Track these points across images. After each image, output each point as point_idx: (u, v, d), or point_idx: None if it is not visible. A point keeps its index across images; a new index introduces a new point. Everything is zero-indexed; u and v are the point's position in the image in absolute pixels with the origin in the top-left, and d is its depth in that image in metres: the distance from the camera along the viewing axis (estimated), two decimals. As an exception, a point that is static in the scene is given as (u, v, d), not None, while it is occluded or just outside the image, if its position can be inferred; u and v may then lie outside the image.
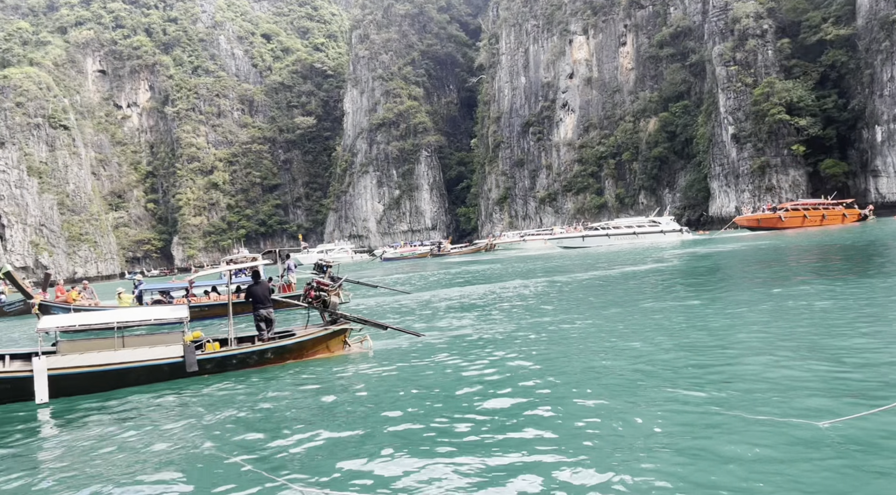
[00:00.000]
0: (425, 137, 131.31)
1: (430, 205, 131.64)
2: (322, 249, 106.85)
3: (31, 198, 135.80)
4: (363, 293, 27.15)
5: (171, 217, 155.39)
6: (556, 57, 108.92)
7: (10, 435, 8.58)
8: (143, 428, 8.40)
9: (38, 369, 10.28)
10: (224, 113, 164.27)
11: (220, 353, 11.71)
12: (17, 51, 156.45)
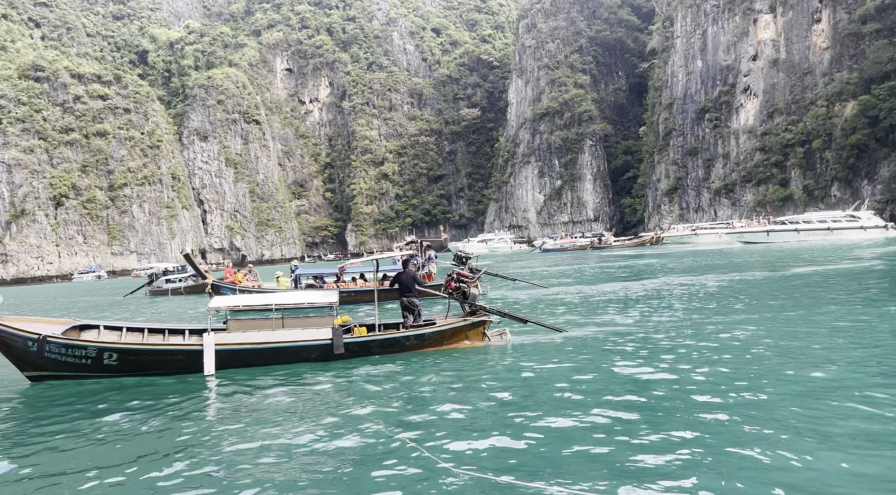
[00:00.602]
0: (590, 126, 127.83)
1: (593, 195, 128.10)
2: (482, 239, 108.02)
3: (228, 187, 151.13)
4: (510, 286, 26.73)
5: (346, 205, 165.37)
6: (737, 38, 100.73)
7: (183, 399, 9.45)
8: (296, 401, 8.90)
9: (207, 344, 11.21)
10: (395, 106, 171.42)
11: (365, 338, 12.10)
12: (219, 53, 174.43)
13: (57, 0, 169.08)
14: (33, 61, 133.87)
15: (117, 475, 6.28)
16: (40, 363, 11.15)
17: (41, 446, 7.49)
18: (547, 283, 26.99)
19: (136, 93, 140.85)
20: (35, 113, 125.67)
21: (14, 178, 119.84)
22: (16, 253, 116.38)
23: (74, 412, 9.07)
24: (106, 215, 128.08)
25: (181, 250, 30.20)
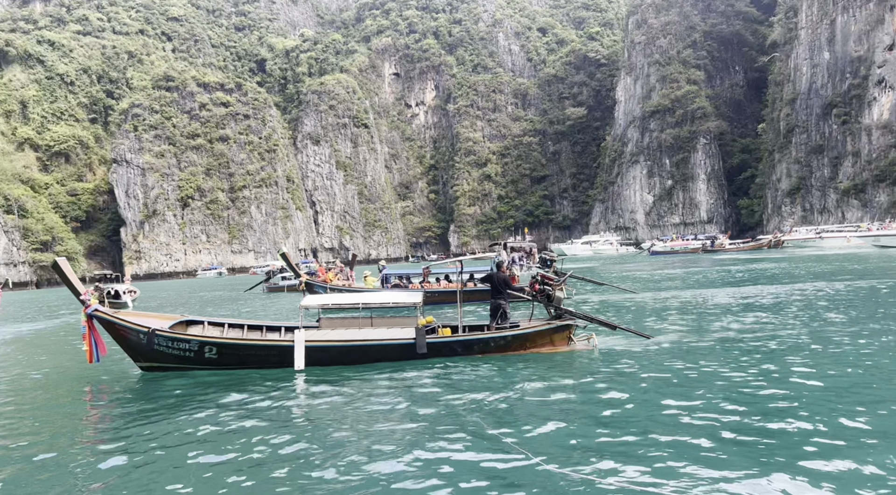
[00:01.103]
0: (704, 123, 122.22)
1: (707, 196, 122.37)
2: (586, 241, 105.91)
3: (338, 189, 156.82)
4: (599, 290, 25.94)
5: (449, 206, 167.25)
6: (871, 26, 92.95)
7: (274, 393, 9.97)
8: (381, 398, 9.13)
9: (297, 340, 11.76)
10: (499, 107, 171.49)
11: (447, 338, 12.18)
12: (331, 60, 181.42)
13: (186, 15, 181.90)
14: (165, 72, 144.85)
15: (209, 462, 6.69)
16: (150, 354, 12.07)
17: (147, 431, 8.09)
18: (636, 289, 26.07)
19: (255, 100, 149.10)
20: (166, 120, 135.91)
21: (147, 181, 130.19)
22: (148, 250, 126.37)
23: (179, 400, 9.80)
24: (227, 215, 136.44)
25: (278, 250, 31.90)
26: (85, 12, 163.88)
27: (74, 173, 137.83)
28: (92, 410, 9.85)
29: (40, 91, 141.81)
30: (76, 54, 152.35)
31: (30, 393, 11.34)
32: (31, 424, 8.85)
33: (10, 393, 11.41)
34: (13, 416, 9.41)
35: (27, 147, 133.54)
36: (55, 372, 13.46)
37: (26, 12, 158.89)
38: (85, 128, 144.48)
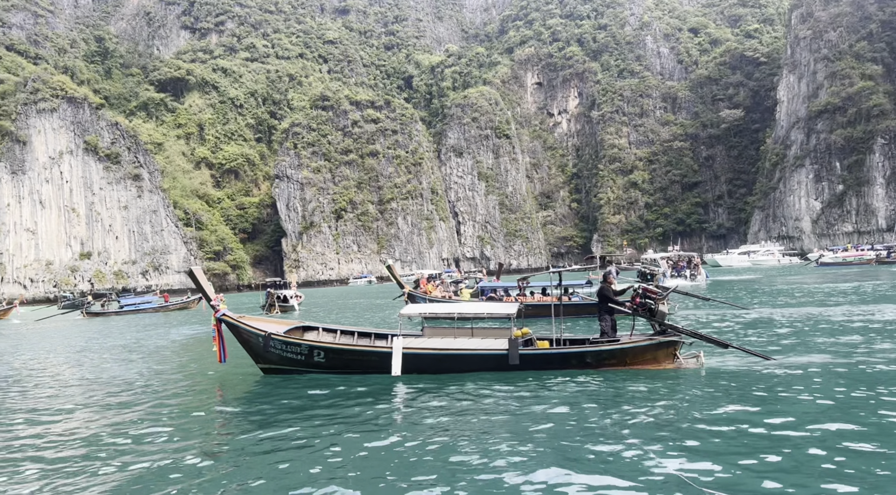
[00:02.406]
0: (882, 122, 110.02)
1: (885, 202, 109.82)
2: (744, 251, 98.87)
3: (480, 199, 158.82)
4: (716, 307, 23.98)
5: (592, 215, 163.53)
6: None
7: (372, 397, 10.57)
8: (472, 407, 9.33)
9: (395, 347, 12.26)
10: (646, 112, 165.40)
11: (541, 351, 12.08)
12: (474, 73, 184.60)
13: (341, 37, 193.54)
14: (321, 92, 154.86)
15: (311, 457, 7.11)
16: (267, 356, 13.06)
17: (260, 428, 8.80)
18: (749, 305, 23.89)
19: (403, 115, 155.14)
20: (322, 137, 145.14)
21: (305, 195, 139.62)
22: (305, 259, 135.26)
23: (290, 400, 10.71)
24: (376, 226, 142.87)
25: (384, 261, 33.11)
26: (253, 40, 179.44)
27: (242, 188, 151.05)
28: (215, 407, 10.92)
29: (214, 114, 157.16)
30: (245, 79, 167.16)
31: (170, 387, 12.96)
32: (166, 416, 9.96)
33: (152, 386, 12.97)
34: (151, 409, 10.57)
35: (203, 165, 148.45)
36: (193, 370, 15.33)
37: (204, 44, 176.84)
38: (252, 146, 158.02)
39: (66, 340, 27.76)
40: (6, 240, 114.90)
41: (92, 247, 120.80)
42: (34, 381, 15.23)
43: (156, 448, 8.13)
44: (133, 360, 18.34)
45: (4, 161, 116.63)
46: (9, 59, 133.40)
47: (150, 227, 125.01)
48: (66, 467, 7.47)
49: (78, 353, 21.49)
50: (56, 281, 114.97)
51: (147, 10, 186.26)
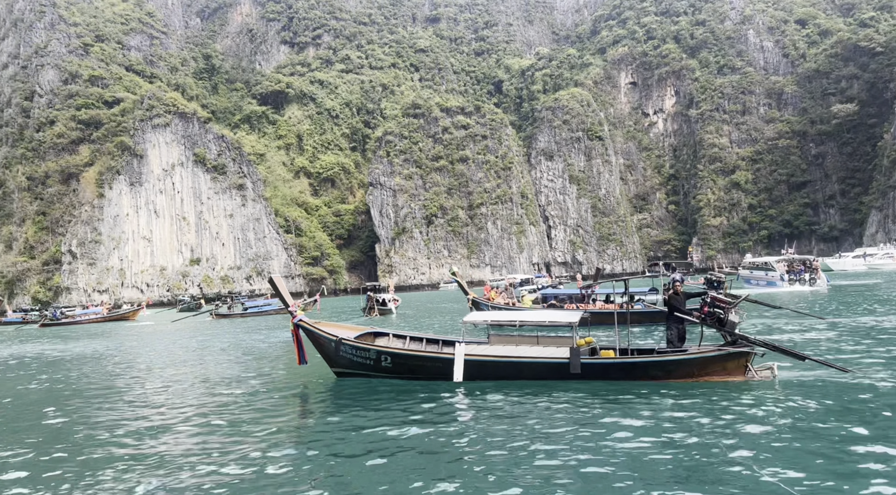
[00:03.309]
0: None
1: None
2: (859, 254, 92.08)
3: (571, 203, 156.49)
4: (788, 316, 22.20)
5: (691, 218, 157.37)
6: None
7: (435, 403, 10.81)
8: (528, 415, 9.38)
9: (457, 354, 12.49)
10: (749, 109, 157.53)
11: (602, 360, 11.86)
12: (566, 75, 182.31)
13: (432, 46, 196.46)
14: (413, 100, 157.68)
15: (377, 458, 7.41)
16: (338, 360, 13.65)
17: (330, 429, 9.30)
18: (827, 315, 21.93)
19: (492, 120, 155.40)
20: (413, 145, 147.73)
21: (398, 201, 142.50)
22: (398, 264, 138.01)
23: (360, 403, 11.28)
24: (466, 231, 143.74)
25: (449, 269, 33.43)
26: (348, 52, 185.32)
27: (338, 196, 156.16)
28: (293, 407, 11.63)
29: (312, 125, 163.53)
30: (340, 90, 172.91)
31: (260, 385, 14.03)
32: (248, 416, 10.65)
33: (246, 383, 13.87)
34: (235, 408, 11.34)
35: (302, 175, 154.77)
36: (282, 370, 16.47)
37: (302, 57, 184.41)
38: (347, 155, 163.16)
39: (192, 339, 30.30)
40: (125, 248, 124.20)
41: (201, 253, 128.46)
42: (156, 374, 17.22)
43: (231, 441, 8.74)
44: (238, 359, 20.01)
45: (124, 174, 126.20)
46: (128, 79, 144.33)
47: (254, 234, 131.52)
48: (166, 456, 8.23)
49: (199, 351, 23.76)
50: (169, 285, 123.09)
51: (250, 28, 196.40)
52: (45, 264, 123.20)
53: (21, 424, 11.40)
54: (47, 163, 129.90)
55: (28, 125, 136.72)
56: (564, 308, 24.93)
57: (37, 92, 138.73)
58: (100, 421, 11.13)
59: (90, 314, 68.73)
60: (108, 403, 13.00)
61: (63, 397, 14.22)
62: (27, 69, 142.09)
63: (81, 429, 10.48)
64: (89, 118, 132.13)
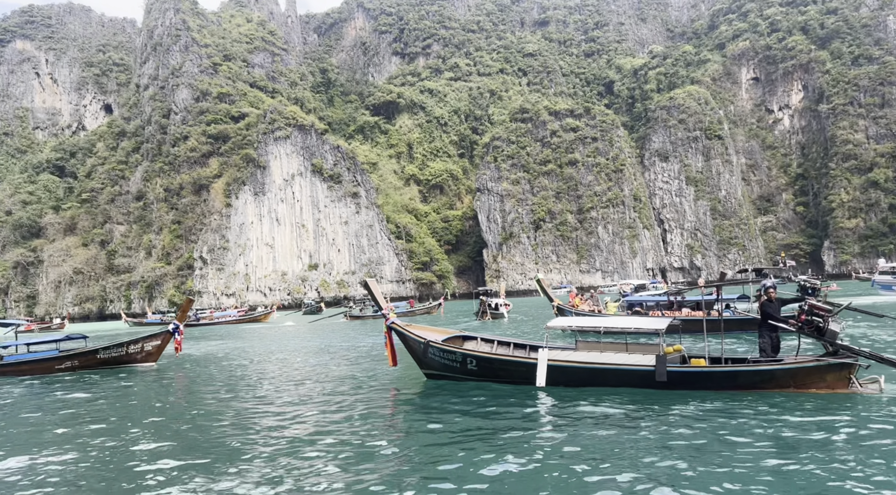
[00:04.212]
0: None
1: None
2: None
3: (688, 205, 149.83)
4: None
5: (822, 220, 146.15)
6: None
7: (518, 407, 10.84)
8: (612, 423, 9.17)
9: (540, 359, 12.52)
10: (889, 102, 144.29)
11: (691, 369, 11.36)
12: (681, 73, 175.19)
13: (540, 49, 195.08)
14: (521, 105, 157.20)
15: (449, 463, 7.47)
16: (427, 362, 14.08)
17: (419, 427, 9.65)
18: None
19: (603, 122, 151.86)
20: (521, 149, 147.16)
21: (505, 206, 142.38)
22: (505, 269, 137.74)
23: (449, 404, 11.56)
24: (575, 236, 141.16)
25: (534, 276, 33.33)
26: (456, 61, 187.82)
27: (447, 202, 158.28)
28: (385, 407, 12.06)
29: (422, 133, 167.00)
30: (449, 98, 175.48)
31: (362, 383, 14.88)
32: (344, 415, 11.20)
33: (348, 381, 14.74)
34: (332, 405, 11.95)
35: (412, 182, 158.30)
36: (373, 371, 17.14)
37: (412, 67, 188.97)
38: (455, 162, 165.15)
39: (322, 339, 32.62)
40: (250, 254, 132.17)
41: (318, 258, 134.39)
42: (284, 369, 18.82)
43: (330, 437, 9.23)
44: (349, 358, 21.37)
45: (249, 184, 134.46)
46: (252, 94, 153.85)
47: (367, 240, 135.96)
48: (278, 450, 8.88)
49: (320, 350, 25.64)
50: (290, 289, 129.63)
51: (363, 41, 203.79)
52: (180, 269, 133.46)
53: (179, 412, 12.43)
54: (181, 175, 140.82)
55: (165, 141, 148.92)
56: (649, 315, 24.35)
57: (172, 109, 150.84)
58: (245, 407, 12.73)
59: (227, 316, 74.77)
60: (246, 395, 14.43)
61: (210, 389, 15.81)
62: (164, 89, 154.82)
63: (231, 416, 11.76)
64: (218, 132, 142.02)
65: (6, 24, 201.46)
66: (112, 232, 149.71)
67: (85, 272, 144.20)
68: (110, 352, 22.54)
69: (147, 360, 22.61)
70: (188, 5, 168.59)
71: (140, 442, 9.83)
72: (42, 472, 8.33)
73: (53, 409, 13.80)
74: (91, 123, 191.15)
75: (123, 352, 22.52)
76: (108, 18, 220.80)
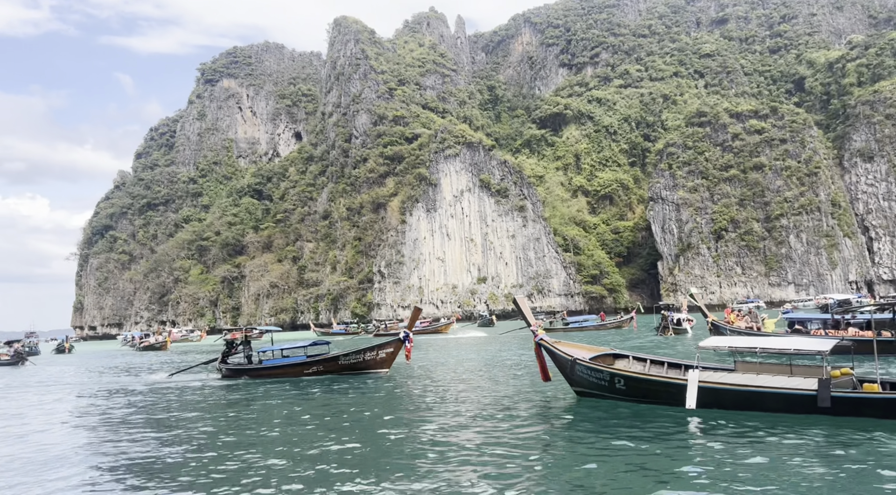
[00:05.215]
0: None
1: None
2: None
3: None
4: None
5: None
6: None
7: (664, 430, 10.31)
8: (769, 453, 8.29)
9: (690, 380, 11.85)
10: None
11: (858, 395, 10.12)
12: (887, 63, 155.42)
13: (718, 49, 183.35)
14: (697, 108, 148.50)
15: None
16: (575, 380, 13.99)
17: (571, 445, 9.55)
18: None
19: (793, 122, 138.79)
20: (698, 155, 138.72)
21: (681, 216, 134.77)
22: (682, 283, 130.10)
23: (596, 424, 11.40)
24: (763, 246, 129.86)
25: (686, 290, 31.18)
26: (626, 67, 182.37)
27: (617, 213, 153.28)
28: (537, 422, 12.06)
29: (590, 143, 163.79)
30: (618, 106, 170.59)
31: (505, 400, 14.92)
32: (499, 425, 11.46)
33: (492, 397, 15.00)
34: (494, 415, 12.33)
35: (580, 193, 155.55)
36: (525, 386, 17.08)
37: (580, 78, 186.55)
38: (625, 171, 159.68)
39: (508, 350, 33.32)
40: (423, 268, 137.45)
41: (486, 272, 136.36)
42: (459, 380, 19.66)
43: (488, 447, 9.52)
44: (513, 373, 21.39)
45: (422, 201, 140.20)
46: (424, 116, 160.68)
47: (534, 254, 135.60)
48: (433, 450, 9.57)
49: (496, 362, 26.24)
50: (460, 302, 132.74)
51: (530, 55, 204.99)
52: (361, 283, 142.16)
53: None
54: (361, 195, 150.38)
55: (347, 163, 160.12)
56: (811, 334, 22.56)
57: (353, 134, 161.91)
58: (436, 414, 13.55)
59: None
60: (438, 403, 15.37)
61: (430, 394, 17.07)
62: (346, 115, 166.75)
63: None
64: (393, 154, 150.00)
65: (215, 66, 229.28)
66: (302, 248, 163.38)
67: (279, 285, 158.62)
68: (349, 358, 24.52)
69: (381, 367, 24.16)
70: (366, 36, 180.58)
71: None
72: (334, 454, 9.89)
73: (315, 405, 16.04)
74: (284, 150, 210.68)
75: (361, 358, 24.35)
76: (297, 53, 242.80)
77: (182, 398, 19.65)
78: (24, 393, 24.65)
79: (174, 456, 10.32)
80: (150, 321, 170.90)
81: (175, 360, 43.22)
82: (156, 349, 71.18)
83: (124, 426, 14.00)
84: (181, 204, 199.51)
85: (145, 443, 11.69)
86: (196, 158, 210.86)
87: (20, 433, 13.90)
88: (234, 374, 26.38)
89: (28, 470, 9.90)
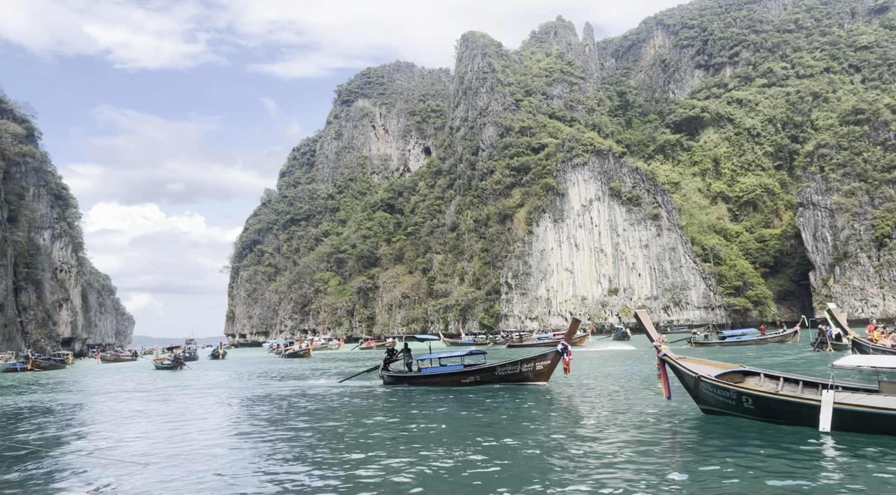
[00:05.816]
0: None
1: None
2: None
3: None
4: None
5: None
6: None
7: (794, 454, 9.78)
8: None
9: (825, 400, 11.18)
10: None
11: None
12: None
13: (878, 40, 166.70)
14: (853, 106, 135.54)
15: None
16: (701, 397, 13.58)
17: (696, 467, 9.37)
18: None
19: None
20: (855, 156, 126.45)
21: (836, 222, 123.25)
22: (839, 295, 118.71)
23: (720, 443, 11.06)
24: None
25: (825, 306, 27.77)
26: (770, 65, 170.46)
27: (762, 220, 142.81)
28: (659, 439, 11.88)
29: (730, 147, 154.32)
30: (761, 107, 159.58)
31: (631, 411, 14.97)
32: (618, 446, 11.24)
33: (610, 413, 14.94)
34: (609, 436, 12.26)
35: (719, 200, 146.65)
36: (644, 403, 16.74)
37: (717, 79, 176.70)
38: (770, 175, 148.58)
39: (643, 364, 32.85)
40: (551, 279, 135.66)
41: (618, 283, 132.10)
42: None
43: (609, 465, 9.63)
44: (632, 386, 21.26)
45: (549, 212, 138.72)
46: (551, 125, 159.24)
47: (670, 264, 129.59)
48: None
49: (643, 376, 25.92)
50: (590, 314, 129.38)
51: (662, 58, 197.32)
52: (488, 294, 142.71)
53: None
54: (488, 207, 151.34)
55: (474, 176, 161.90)
56: None
57: (480, 146, 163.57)
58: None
59: (545, 338, 79.24)
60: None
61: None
62: (473, 129, 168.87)
63: None
64: (520, 165, 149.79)
65: (351, 87, 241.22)
66: (431, 260, 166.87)
67: (411, 296, 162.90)
68: (506, 369, 24.26)
69: (539, 379, 23.56)
70: (493, 49, 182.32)
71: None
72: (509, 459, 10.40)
73: (478, 414, 16.37)
74: (414, 165, 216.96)
75: (518, 370, 23.95)
76: (427, 71, 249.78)
77: (353, 402, 20.72)
78: (190, 396, 26.87)
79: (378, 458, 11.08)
80: (293, 329, 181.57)
81: (321, 367, 45.05)
82: (300, 356, 75.12)
83: (303, 426, 15.21)
84: (321, 219, 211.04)
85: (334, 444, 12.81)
86: (334, 175, 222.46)
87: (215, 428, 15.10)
88: (395, 381, 27.09)
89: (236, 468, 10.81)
